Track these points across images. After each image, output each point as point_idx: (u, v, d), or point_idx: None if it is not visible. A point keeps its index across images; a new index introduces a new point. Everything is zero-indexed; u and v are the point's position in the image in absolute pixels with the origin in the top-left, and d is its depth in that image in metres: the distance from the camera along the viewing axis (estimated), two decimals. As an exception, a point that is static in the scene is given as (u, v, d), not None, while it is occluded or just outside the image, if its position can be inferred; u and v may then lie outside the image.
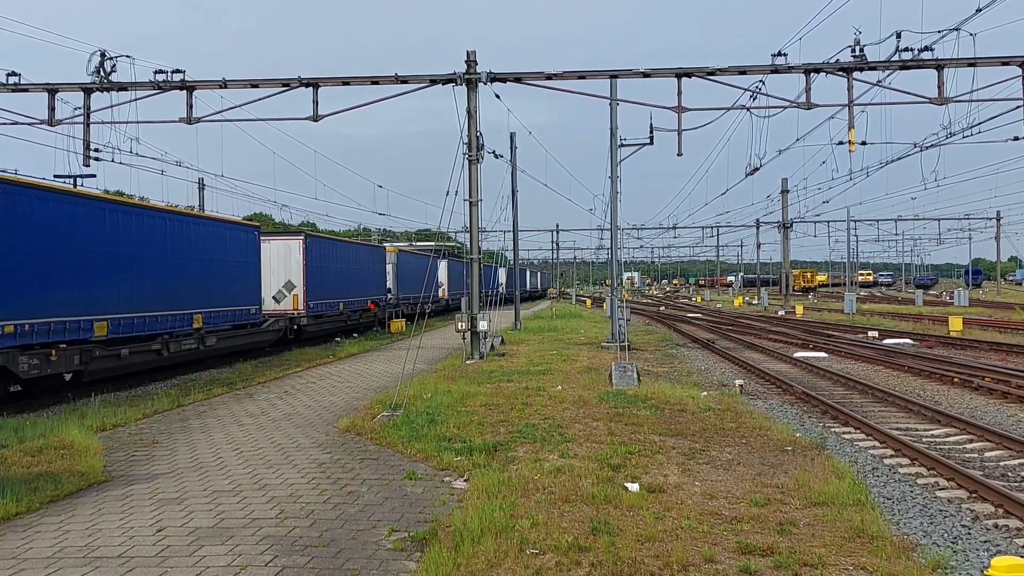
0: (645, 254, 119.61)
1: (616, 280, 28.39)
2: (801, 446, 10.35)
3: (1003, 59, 19.75)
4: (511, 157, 33.71)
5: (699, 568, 5.93)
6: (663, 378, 18.47)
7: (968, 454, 10.94)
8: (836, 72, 20.06)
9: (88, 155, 21.24)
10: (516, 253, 38.90)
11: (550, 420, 11.70)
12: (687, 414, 12.44)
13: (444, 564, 5.87)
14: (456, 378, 16.65)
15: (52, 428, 11.29)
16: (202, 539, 6.75)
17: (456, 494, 8.05)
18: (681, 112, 20.62)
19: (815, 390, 16.56)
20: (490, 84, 21.34)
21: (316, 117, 20.91)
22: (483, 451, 9.63)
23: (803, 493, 7.90)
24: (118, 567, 6.14)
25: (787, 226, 61.01)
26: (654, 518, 7.09)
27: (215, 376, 21.05)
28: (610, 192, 27.28)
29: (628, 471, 8.78)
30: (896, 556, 6.21)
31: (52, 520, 7.39)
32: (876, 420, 13.14)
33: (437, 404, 12.97)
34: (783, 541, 6.53)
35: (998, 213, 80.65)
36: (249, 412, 13.43)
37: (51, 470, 9.00)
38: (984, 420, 13.22)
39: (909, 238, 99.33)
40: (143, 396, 16.86)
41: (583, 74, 21.17)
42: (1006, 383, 16.57)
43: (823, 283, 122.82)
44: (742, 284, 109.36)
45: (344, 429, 11.52)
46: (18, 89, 20.87)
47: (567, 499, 7.63)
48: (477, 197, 21.71)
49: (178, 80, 20.85)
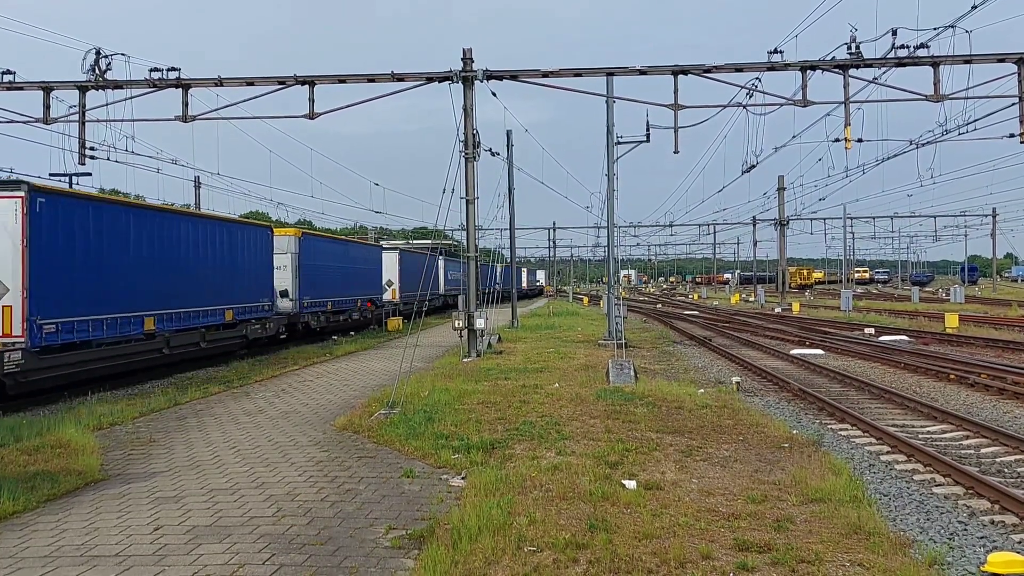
0: (642, 252, 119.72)
1: (613, 278, 28.40)
2: (798, 443, 10.37)
3: (999, 56, 19.78)
4: (508, 155, 33.70)
5: (696, 565, 5.94)
6: (660, 375, 18.49)
7: (964, 450, 10.97)
8: (832, 69, 20.07)
9: (83, 153, 21.18)
10: (513, 251, 38.90)
11: (547, 418, 11.71)
12: (684, 411, 12.45)
13: (442, 562, 5.87)
14: (453, 376, 16.66)
15: (49, 427, 11.29)
16: (199, 538, 6.74)
17: (454, 492, 8.05)
18: (677, 109, 20.63)
19: (812, 387, 16.58)
20: (486, 82, 21.33)
21: (312, 115, 20.89)
22: (480, 449, 9.64)
23: (800, 490, 7.92)
24: (115, 566, 6.13)
25: (784, 223, 61.04)
26: (651, 515, 7.10)
27: (212, 374, 21.03)
28: (607, 190, 27.29)
29: (625, 468, 8.79)
30: (893, 552, 6.23)
31: (49, 519, 7.38)
32: (873, 417, 13.17)
33: (434, 402, 12.97)
34: (780, 538, 6.54)
35: (994, 210, 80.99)
36: (246, 410, 13.42)
37: (48, 469, 8.99)
38: (980, 416, 13.25)
39: (905, 235, 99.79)
40: (140, 395, 16.84)
41: (579, 72, 21.16)
42: (1002, 379, 16.61)
43: (820, 280, 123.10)
44: (739, 281, 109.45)
45: (341, 427, 11.51)
46: (13, 87, 20.81)
47: (564, 496, 7.64)
48: (474, 195, 21.70)
49: (174, 78, 20.81)
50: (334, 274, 32.14)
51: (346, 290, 33.88)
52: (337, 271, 32.60)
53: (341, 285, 33.13)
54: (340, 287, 33.00)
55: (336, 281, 32.45)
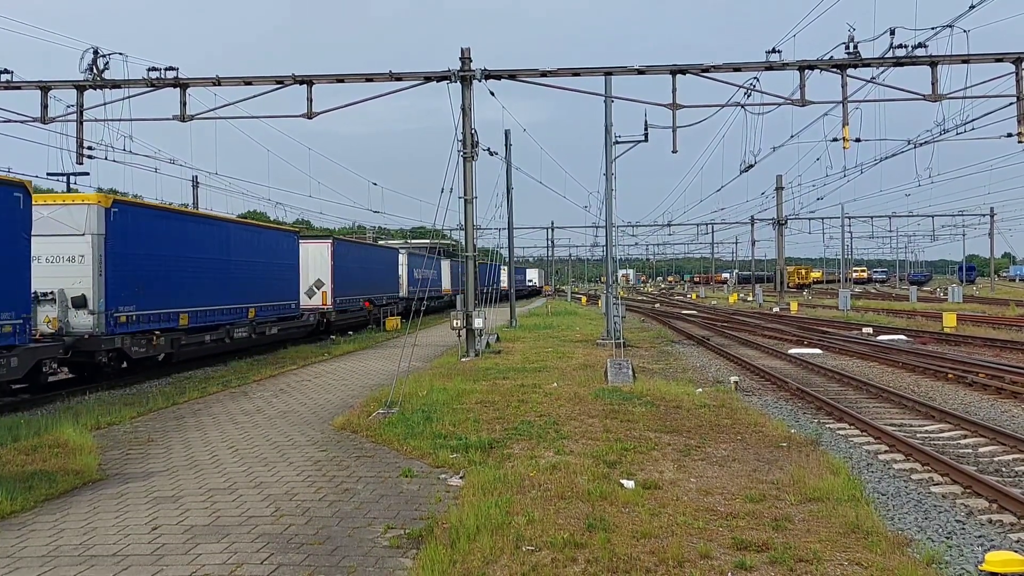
0: (640, 251, 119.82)
1: (611, 277, 28.40)
2: (796, 442, 10.37)
3: (996, 56, 19.81)
4: (506, 154, 33.70)
5: (695, 564, 5.94)
6: (658, 375, 18.50)
7: (962, 450, 10.98)
8: (830, 69, 20.08)
9: (81, 153, 21.15)
10: (511, 250, 38.91)
11: (546, 417, 11.71)
12: (682, 411, 12.46)
13: (440, 561, 5.87)
14: (452, 375, 16.66)
15: (47, 426, 11.27)
16: (198, 537, 6.74)
17: (452, 491, 8.05)
18: (676, 109, 20.62)
19: (810, 386, 16.59)
20: (484, 81, 21.33)
21: (311, 114, 20.87)
22: (479, 448, 9.64)
23: (798, 489, 7.92)
24: (113, 565, 6.12)
25: (782, 223, 61.10)
26: (650, 514, 7.10)
27: (210, 374, 21.01)
28: (605, 189, 27.30)
29: (624, 468, 8.79)
30: (891, 551, 6.23)
31: (47, 519, 7.37)
32: (871, 416, 13.18)
33: (433, 401, 12.97)
34: (778, 537, 6.54)
35: (992, 209, 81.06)
36: (244, 410, 13.41)
37: (46, 468, 8.97)
38: (978, 416, 13.26)
39: (903, 235, 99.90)
40: (138, 394, 16.82)
41: (578, 71, 21.16)
42: (1000, 379, 16.63)
43: (818, 280, 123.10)
44: (737, 281, 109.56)
45: (340, 427, 11.51)
46: (11, 87, 20.79)
47: (563, 496, 7.63)
48: (472, 194, 21.70)
49: (171, 77, 20.79)
50: (200, 272, 21.70)
51: (221, 296, 22.82)
52: (202, 266, 21.87)
53: (211, 287, 22.22)
54: (208, 290, 22.05)
55: (198, 281, 21.57)
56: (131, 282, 18.26)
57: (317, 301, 31.33)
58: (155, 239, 19.45)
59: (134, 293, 18.35)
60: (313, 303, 31.24)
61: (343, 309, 32.92)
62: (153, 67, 20.77)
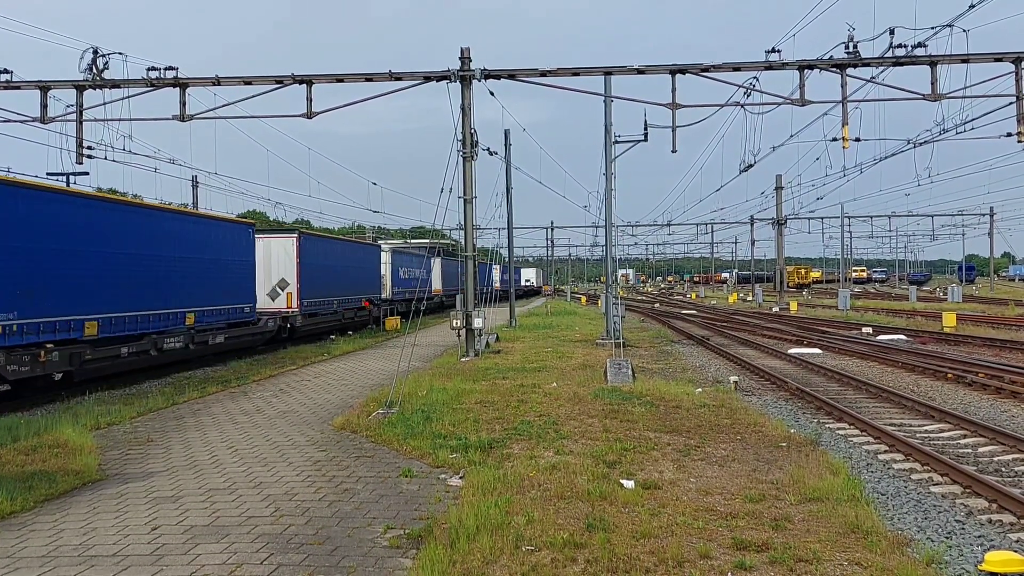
0: (640, 251, 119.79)
1: (611, 277, 28.40)
2: (796, 442, 10.37)
3: (996, 55, 19.80)
4: (506, 154, 33.70)
5: (694, 564, 5.94)
6: (658, 375, 18.50)
7: (962, 450, 10.98)
8: (830, 68, 20.07)
9: (81, 153, 21.14)
10: (511, 250, 38.92)
11: (545, 417, 11.71)
12: (682, 411, 12.46)
13: (440, 561, 5.87)
14: (451, 375, 16.66)
15: (46, 427, 11.26)
16: (197, 537, 6.74)
17: (452, 491, 8.05)
18: (675, 109, 20.61)
19: (809, 386, 16.59)
20: (484, 81, 21.32)
21: (310, 114, 20.87)
22: (478, 448, 9.64)
23: (798, 489, 7.92)
24: (113, 565, 6.12)
25: (781, 223, 61.04)
26: (649, 514, 7.10)
27: (209, 374, 21.01)
28: (605, 189, 27.31)
29: (623, 468, 8.79)
30: (890, 551, 6.23)
31: (47, 519, 7.37)
32: (870, 416, 13.18)
33: (432, 401, 12.97)
34: (778, 537, 6.55)
35: (991, 209, 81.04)
36: (244, 410, 13.41)
37: (45, 469, 8.97)
38: (978, 416, 13.26)
39: (903, 234, 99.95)
40: (137, 394, 16.81)
41: (577, 71, 21.16)
42: (999, 379, 16.63)
43: (817, 279, 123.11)
44: (736, 281, 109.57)
45: (339, 427, 11.51)
46: (10, 86, 20.77)
47: (562, 496, 7.63)
48: (472, 194, 21.69)
49: (171, 77, 20.78)
50: (117, 270, 17.82)
51: (147, 299, 18.91)
52: (120, 263, 18.01)
53: (131, 289, 18.29)
54: (127, 292, 18.11)
55: (114, 281, 17.64)
56: (8, 282, 14.36)
57: (281, 304, 27.84)
58: (48, 229, 15.56)
59: (13, 297, 14.43)
60: (276, 306, 27.66)
61: (312, 313, 29.46)
62: (153, 67, 20.78)
